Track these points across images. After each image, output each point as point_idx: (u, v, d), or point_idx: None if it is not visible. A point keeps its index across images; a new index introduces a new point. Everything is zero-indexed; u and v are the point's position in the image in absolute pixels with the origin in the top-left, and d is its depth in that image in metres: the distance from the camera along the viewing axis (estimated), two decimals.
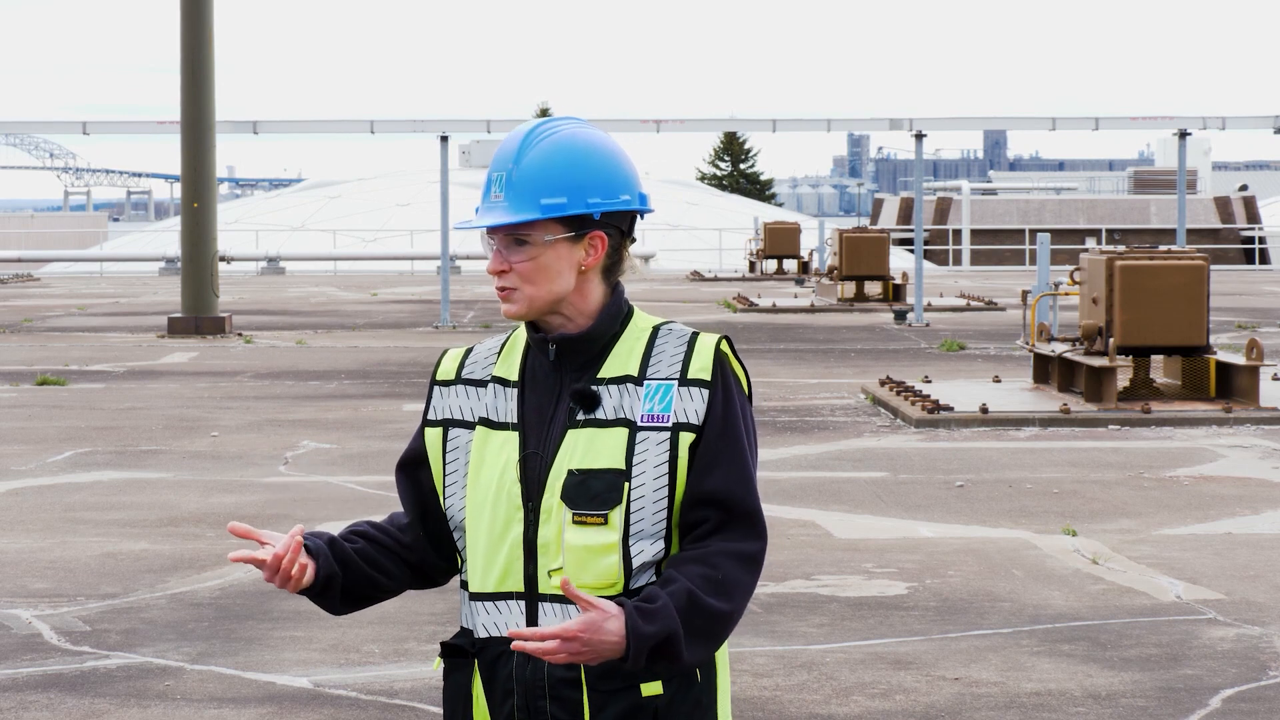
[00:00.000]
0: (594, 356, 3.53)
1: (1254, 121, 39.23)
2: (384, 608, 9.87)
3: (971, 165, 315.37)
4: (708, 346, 3.52)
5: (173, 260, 50.23)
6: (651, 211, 3.65)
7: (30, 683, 8.46)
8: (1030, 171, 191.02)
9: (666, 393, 3.48)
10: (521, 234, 3.50)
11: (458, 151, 75.50)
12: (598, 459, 3.46)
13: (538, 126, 3.55)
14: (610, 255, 3.55)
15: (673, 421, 3.47)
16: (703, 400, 3.48)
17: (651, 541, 3.46)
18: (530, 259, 3.50)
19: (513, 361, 3.59)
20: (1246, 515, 12.73)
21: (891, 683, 8.38)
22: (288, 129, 52.62)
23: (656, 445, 3.46)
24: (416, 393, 20.25)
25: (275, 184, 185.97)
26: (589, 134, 3.56)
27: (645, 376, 3.50)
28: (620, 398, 3.49)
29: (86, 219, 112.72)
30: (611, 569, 3.45)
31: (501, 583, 3.51)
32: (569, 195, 3.50)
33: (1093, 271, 18.37)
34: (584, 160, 3.52)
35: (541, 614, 3.47)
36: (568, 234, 3.50)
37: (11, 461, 15.31)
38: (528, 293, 3.51)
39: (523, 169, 3.51)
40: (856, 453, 15.70)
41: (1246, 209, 71.19)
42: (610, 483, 3.45)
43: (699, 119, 47.69)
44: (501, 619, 3.51)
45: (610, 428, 3.47)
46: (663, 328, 3.56)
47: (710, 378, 3.49)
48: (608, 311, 3.53)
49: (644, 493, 3.45)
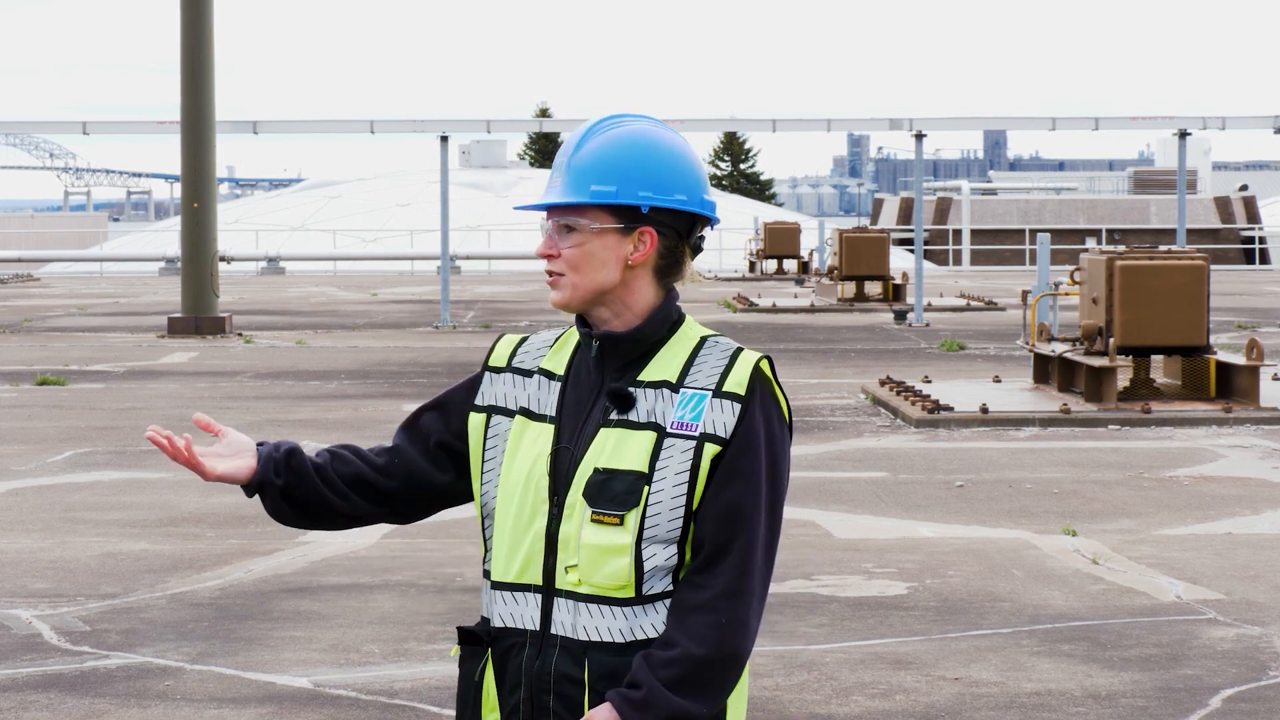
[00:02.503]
0: (637, 358, 3.52)
1: (1254, 121, 39.22)
2: (384, 608, 9.87)
3: (971, 165, 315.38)
4: (748, 362, 3.50)
5: (173, 260, 50.22)
6: (718, 221, 3.63)
7: (30, 683, 8.46)
8: (1030, 171, 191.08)
9: (699, 403, 3.47)
10: (571, 220, 3.51)
11: (458, 151, 75.54)
12: (623, 460, 3.46)
13: (605, 119, 3.57)
14: (664, 256, 3.53)
15: (700, 431, 3.45)
16: (733, 415, 3.46)
17: (665, 547, 3.46)
18: (576, 245, 3.50)
19: (563, 356, 3.60)
20: (1246, 515, 12.73)
21: (891, 683, 8.38)
22: (288, 129, 52.64)
23: (681, 453, 3.45)
24: (417, 393, 20.26)
25: (275, 184, 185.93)
26: (656, 131, 3.56)
27: (683, 384, 3.49)
28: (655, 402, 3.48)
29: (86, 219, 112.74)
30: (622, 570, 3.45)
31: (522, 574, 3.51)
32: (619, 185, 3.49)
33: (1093, 271, 18.37)
34: (642, 154, 3.52)
35: (555, 609, 3.48)
36: (616, 225, 3.50)
37: (11, 461, 15.31)
38: (572, 280, 3.50)
39: (580, 156, 3.52)
40: (856, 453, 15.70)
41: (1246, 209, 71.19)
42: (631, 485, 3.44)
43: (699, 119, 47.72)
44: (518, 610, 3.52)
45: (640, 430, 3.47)
46: (710, 339, 3.55)
47: (745, 393, 3.48)
48: (656, 314, 3.53)
49: (662, 499, 3.45)
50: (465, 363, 23.79)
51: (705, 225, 3.58)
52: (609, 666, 3.44)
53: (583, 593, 3.46)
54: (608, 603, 3.45)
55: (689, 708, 3.39)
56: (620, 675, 3.44)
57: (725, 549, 3.44)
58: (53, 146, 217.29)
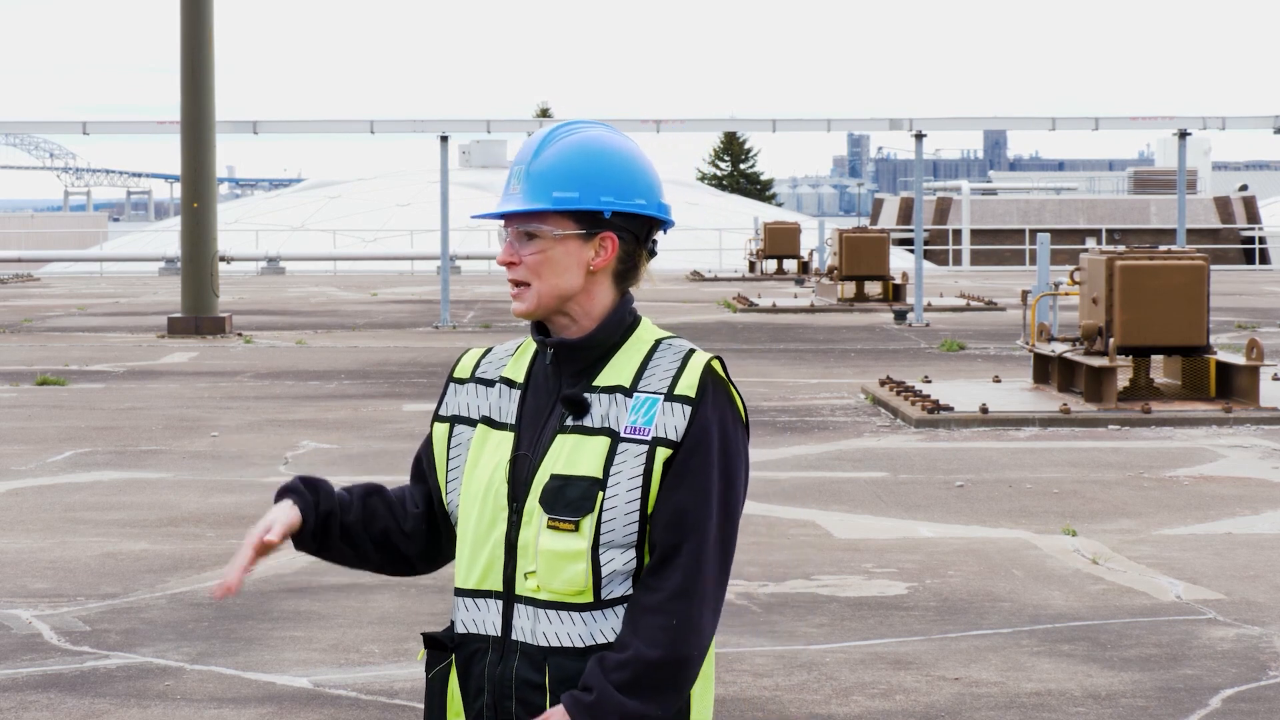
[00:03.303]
0: (592, 363, 3.54)
1: (1254, 121, 39.23)
2: (384, 608, 9.88)
3: (971, 165, 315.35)
4: (698, 364, 3.51)
5: (173, 260, 50.21)
6: (673, 224, 3.65)
7: (30, 683, 8.46)
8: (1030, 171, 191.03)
9: (652, 407, 3.48)
10: (533, 227, 3.52)
11: (458, 151, 75.54)
12: (578, 466, 3.47)
13: (561, 125, 3.59)
14: (623, 260, 3.56)
15: (652, 436, 3.47)
16: (684, 417, 3.47)
17: (622, 551, 3.47)
18: (539, 252, 3.52)
19: (522, 364, 3.62)
20: (1246, 515, 12.73)
21: (891, 683, 8.38)
22: (288, 129, 52.61)
23: (634, 458, 3.46)
24: (416, 393, 20.26)
25: (275, 184, 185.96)
26: (611, 137, 3.58)
27: (636, 388, 3.50)
28: (609, 407, 3.50)
29: (86, 219, 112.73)
30: (579, 576, 3.46)
31: (482, 580, 3.54)
32: (581, 190, 3.51)
33: (1093, 271, 18.37)
34: (601, 159, 3.54)
35: (516, 615, 3.50)
36: (578, 231, 3.52)
37: (11, 461, 15.31)
38: (535, 288, 3.52)
39: (539, 163, 3.54)
40: (856, 453, 15.70)
41: (1246, 209, 71.19)
42: (585, 491, 3.46)
43: (699, 119, 47.70)
44: (480, 616, 3.54)
45: (594, 436, 3.49)
46: (664, 342, 3.56)
47: (695, 395, 3.48)
48: (611, 319, 3.55)
49: (616, 504, 3.46)
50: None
51: (660, 229, 3.61)
52: (569, 671, 3.46)
53: (542, 598, 3.47)
54: (566, 608, 3.47)
55: (640, 710, 3.41)
56: (577, 677, 3.46)
57: (676, 550, 3.45)
58: (53, 146, 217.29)
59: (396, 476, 14.35)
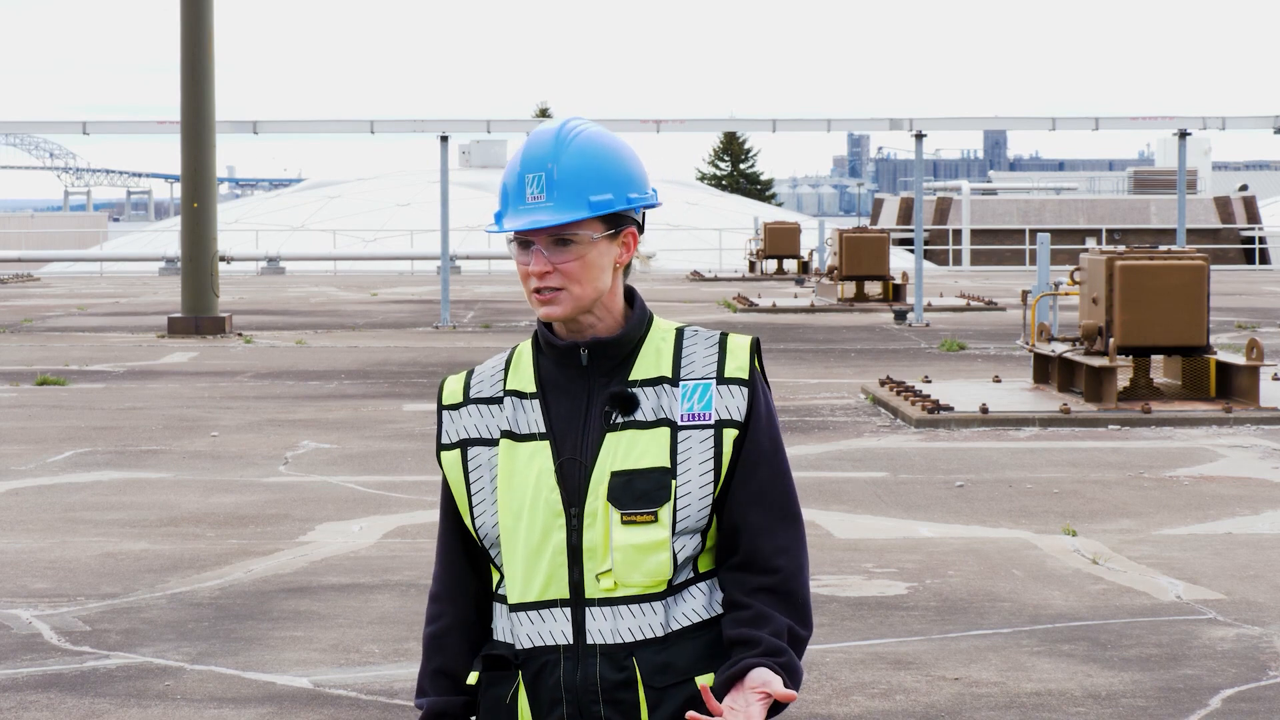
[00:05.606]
0: (623, 360, 3.53)
1: (1254, 121, 39.22)
2: (384, 608, 9.88)
3: (971, 165, 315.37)
4: (742, 346, 3.53)
5: (173, 260, 50.23)
6: (660, 205, 3.66)
7: (30, 683, 8.46)
8: (1030, 171, 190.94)
9: (705, 392, 3.49)
10: (568, 233, 3.47)
11: (458, 151, 75.53)
12: (642, 459, 3.45)
13: (565, 125, 3.53)
14: (630, 253, 3.57)
15: (715, 419, 3.47)
16: (743, 397, 3.49)
17: (692, 537, 3.48)
18: (578, 258, 3.47)
19: (523, 374, 3.57)
20: (1246, 515, 12.74)
21: (891, 683, 8.38)
22: (288, 129, 52.62)
23: (700, 443, 3.47)
24: (416, 393, 20.26)
25: (275, 184, 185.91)
26: (606, 132, 3.57)
27: (680, 377, 3.50)
28: (658, 399, 3.49)
29: (86, 219, 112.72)
30: (663, 564, 3.45)
31: (544, 591, 3.48)
32: (614, 192, 3.49)
33: (1093, 271, 18.37)
34: (617, 156, 3.52)
35: (589, 618, 3.46)
36: (609, 231, 3.50)
37: (11, 461, 15.32)
38: (575, 293, 3.47)
39: (564, 167, 3.47)
40: (856, 453, 15.70)
41: (1246, 209, 71.19)
42: (657, 481, 3.45)
43: (699, 119, 47.68)
44: (546, 627, 3.48)
45: (651, 428, 3.47)
46: (687, 330, 3.57)
47: (748, 376, 3.51)
48: (636, 314, 3.55)
49: (690, 489, 3.46)
50: (465, 362, 23.78)
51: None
52: (657, 663, 3.44)
53: (619, 596, 3.44)
54: (645, 600, 3.45)
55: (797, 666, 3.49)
56: (668, 668, 3.45)
57: (771, 528, 3.50)
58: (53, 146, 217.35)
59: (396, 476, 14.35)
